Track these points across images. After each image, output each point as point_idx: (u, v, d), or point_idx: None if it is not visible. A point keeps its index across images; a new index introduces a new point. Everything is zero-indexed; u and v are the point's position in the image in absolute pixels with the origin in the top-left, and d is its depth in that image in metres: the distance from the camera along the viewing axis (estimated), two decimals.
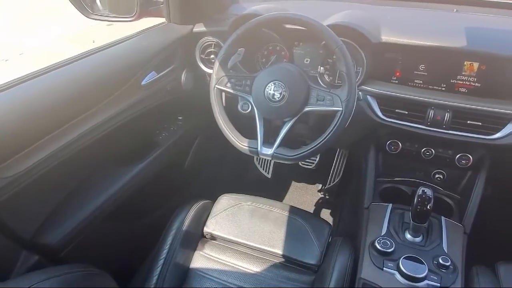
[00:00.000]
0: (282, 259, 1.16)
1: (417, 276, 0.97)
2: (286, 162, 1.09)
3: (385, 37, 1.13)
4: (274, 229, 1.20)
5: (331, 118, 1.01)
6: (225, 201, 1.29)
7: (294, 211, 1.26)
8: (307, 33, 1.07)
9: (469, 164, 1.20)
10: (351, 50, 1.16)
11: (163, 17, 1.37)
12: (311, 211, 1.98)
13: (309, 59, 1.30)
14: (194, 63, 1.39)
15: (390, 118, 1.18)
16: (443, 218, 1.17)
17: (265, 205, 1.27)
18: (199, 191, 1.69)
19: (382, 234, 1.13)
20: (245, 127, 1.14)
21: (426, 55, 1.14)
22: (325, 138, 1.02)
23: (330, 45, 1.00)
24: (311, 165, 2.00)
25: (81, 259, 1.00)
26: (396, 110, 1.17)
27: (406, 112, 1.16)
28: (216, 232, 1.21)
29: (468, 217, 1.18)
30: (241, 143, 1.10)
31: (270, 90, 1.04)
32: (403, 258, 1.01)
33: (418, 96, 1.14)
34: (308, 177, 2.11)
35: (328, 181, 2.00)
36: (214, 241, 1.22)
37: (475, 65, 1.10)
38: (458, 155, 1.20)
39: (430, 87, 1.16)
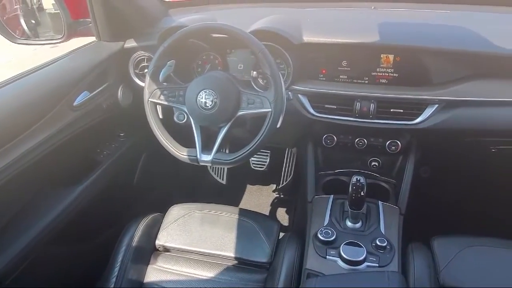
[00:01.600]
0: (235, 261, 1.18)
1: (356, 259, 1.03)
2: (226, 166, 1.12)
3: (307, 38, 1.19)
4: (225, 233, 1.22)
5: (264, 120, 1.06)
6: (175, 212, 1.30)
7: (243, 213, 1.28)
8: (236, 41, 1.11)
9: (398, 150, 1.28)
10: (276, 53, 1.22)
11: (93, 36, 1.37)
12: (267, 212, 2.02)
13: (242, 65, 1.34)
14: (129, 78, 1.39)
15: (321, 113, 1.24)
16: (380, 202, 1.24)
17: (215, 211, 1.30)
18: (152, 206, 1.68)
19: (325, 224, 1.18)
20: (184, 136, 1.16)
21: (347, 51, 1.21)
22: (259, 139, 1.06)
23: (253, 50, 1.05)
24: (263, 167, 2.05)
25: (29, 286, 0.98)
26: (326, 106, 1.23)
27: (335, 107, 1.23)
28: (168, 244, 1.22)
29: (402, 199, 1.26)
30: (181, 153, 1.12)
31: (202, 98, 1.06)
32: (343, 245, 1.07)
33: (344, 90, 1.21)
34: (262, 179, 2.16)
35: (281, 180, 2.05)
36: (167, 253, 1.23)
37: (391, 57, 1.18)
38: (388, 142, 1.28)
39: (355, 81, 1.24)
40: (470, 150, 1.41)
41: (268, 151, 2.03)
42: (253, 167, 2.06)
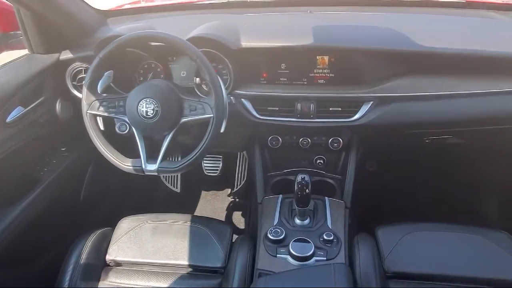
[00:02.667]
0: (189, 269, 1.17)
1: (305, 255, 1.06)
2: (172, 174, 1.12)
3: (245, 43, 1.22)
4: (178, 242, 1.21)
5: (207, 125, 1.06)
6: (125, 225, 1.27)
7: (196, 220, 1.28)
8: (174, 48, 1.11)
9: (341, 146, 1.34)
10: (216, 58, 1.23)
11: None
12: (223, 216, 2.03)
13: (185, 72, 1.34)
14: (67, 91, 1.35)
15: (265, 116, 1.27)
16: (326, 198, 1.29)
17: (167, 220, 1.28)
18: (102, 221, 1.63)
19: (274, 224, 1.21)
20: (129, 147, 1.14)
21: (285, 54, 1.25)
22: (203, 144, 1.07)
23: (191, 57, 1.06)
24: (216, 173, 2.05)
25: None
26: (269, 108, 1.27)
27: (278, 109, 1.26)
28: (119, 258, 1.19)
29: (347, 193, 1.32)
30: (125, 164, 1.10)
31: (143, 107, 1.05)
32: (292, 242, 1.10)
33: (285, 92, 1.25)
34: (216, 184, 2.16)
35: (235, 184, 2.07)
36: (119, 267, 1.20)
37: (326, 58, 1.24)
38: (331, 140, 1.33)
39: (294, 82, 1.28)
40: (408, 143, 1.50)
41: (221, 156, 2.04)
42: (206, 173, 2.06)
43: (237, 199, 2.11)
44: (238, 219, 2.01)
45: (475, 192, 1.90)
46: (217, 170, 2.03)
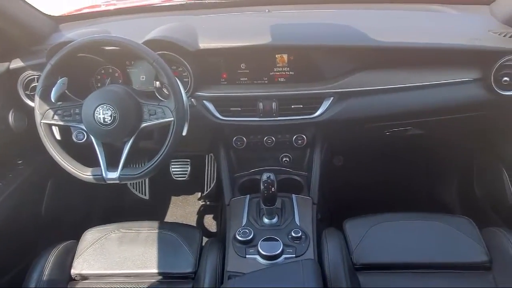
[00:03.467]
0: (159, 277, 1.15)
1: (274, 254, 1.06)
2: (135, 181, 1.10)
3: (203, 44, 1.20)
4: (146, 250, 1.19)
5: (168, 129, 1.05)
6: (90, 236, 1.23)
7: (164, 226, 1.26)
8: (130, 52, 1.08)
9: (305, 143, 1.35)
10: (175, 61, 1.21)
11: None
12: (194, 221, 2.00)
13: (144, 76, 1.32)
14: (21, 101, 1.29)
15: (228, 117, 1.27)
16: (293, 195, 1.30)
17: (134, 229, 1.25)
18: (66, 234, 1.57)
19: (243, 225, 1.20)
20: (88, 156, 1.11)
21: (244, 54, 1.25)
22: (165, 149, 1.05)
23: (148, 60, 1.04)
24: (185, 177, 2.03)
25: None
26: (231, 109, 1.26)
27: (240, 109, 1.26)
28: (85, 271, 1.14)
29: (313, 189, 1.33)
30: (84, 173, 1.07)
31: (99, 114, 1.02)
32: (260, 241, 1.09)
33: (246, 92, 1.25)
34: (186, 188, 2.13)
35: (205, 187, 2.05)
36: (85, 281, 1.15)
37: (285, 56, 1.25)
38: (295, 137, 1.35)
39: (255, 82, 1.28)
40: (370, 136, 1.53)
41: (188, 160, 2.02)
42: (175, 178, 2.03)
43: (208, 202, 2.09)
44: (210, 222, 1.99)
45: (437, 180, 1.97)
46: (186, 173, 2.01)
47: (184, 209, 2.08)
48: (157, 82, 1.29)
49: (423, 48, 1.21)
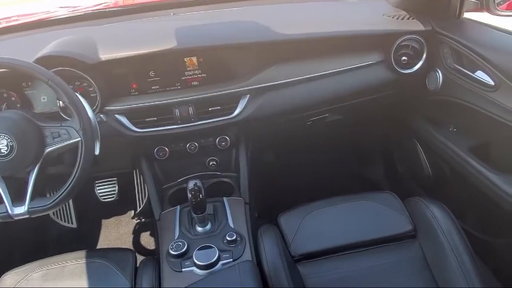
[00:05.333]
0: None
1: (210, 262, 1.03)
2: (47, 212, 0.99)
3: (104, 56, 1.13)
4: (73, 284, 1.09)
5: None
6: (9, 280, 1.10)
7: (91, 254, 1.16)
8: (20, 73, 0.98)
9: (229, 144, 1.33)
10: (77, 76, 1.13)
11: None
12: (130, 241, 1.89)
13: (45, 97, 1.21)
14: None
15: (144, 128, 1.21)
16: (225, 198, 1.27)
17: (58, 263, 1.14)
18: None
19: (176, 238, 1.15)
20: None
21: (151, 61, 1.19)
22: (76, 171, 0.97)
23: (41, 80, 0.95)
24: (113, 197, 1.91)
25: None
26: (146, 119, 1.21)
27: (156, 118, 1.21)
28: None
29: (244, 189, 1.32)
30: None
31: None
32: (195, 251, 1.06)
33: (159, 100, 1.20)
34: (117, 209, 2.01)
35: (137, 204, 1.94)
36: None
37: (194, 59, 1.21)
38: (218, 139, 1.32)
39: (168, 89, 1.23)
40: (294, 129, 1.56)
41: (115, 178, 1.90)
42: (102, 200, 1.90)
43: (143, 219, 1.99)
44: (147, 240, 1.90)
45: (364, 161, 2.07)
46: (114, 193, 1.89)
47: (117, 231, 1.96)
48: (60, 102, 1.19)
49: (327, 37, 1.25)
